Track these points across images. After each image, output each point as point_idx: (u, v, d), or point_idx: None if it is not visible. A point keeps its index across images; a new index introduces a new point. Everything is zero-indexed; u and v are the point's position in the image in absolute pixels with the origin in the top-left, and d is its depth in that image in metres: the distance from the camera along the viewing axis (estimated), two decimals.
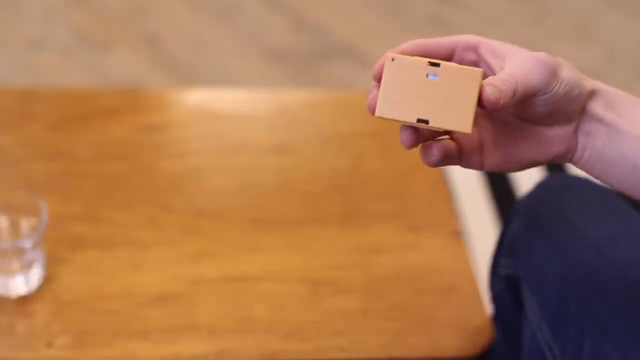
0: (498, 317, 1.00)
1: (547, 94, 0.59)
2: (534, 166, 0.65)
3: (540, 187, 0.93)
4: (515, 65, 0.59)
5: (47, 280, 0.96)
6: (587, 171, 0.65)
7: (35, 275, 0.95)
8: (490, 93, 0.56)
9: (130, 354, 0.91)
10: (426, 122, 0.57)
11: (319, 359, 0.92)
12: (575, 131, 0.63)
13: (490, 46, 0.62)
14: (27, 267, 0.93)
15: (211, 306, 0.96)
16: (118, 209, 1.06)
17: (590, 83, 0.62)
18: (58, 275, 0.97)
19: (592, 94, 0.62)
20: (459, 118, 0.56)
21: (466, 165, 0.63)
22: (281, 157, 1.15)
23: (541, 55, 0.59)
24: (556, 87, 0.59)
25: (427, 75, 0.57)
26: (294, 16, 2.20)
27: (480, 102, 0.57)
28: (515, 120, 0.63)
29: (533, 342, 0.86)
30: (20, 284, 0.94)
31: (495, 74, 0.60)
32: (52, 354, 0.90)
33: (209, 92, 1.27)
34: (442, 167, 1.15)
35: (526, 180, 1.68)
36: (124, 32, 2.10)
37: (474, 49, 0.63)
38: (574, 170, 0.70)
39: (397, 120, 0.58)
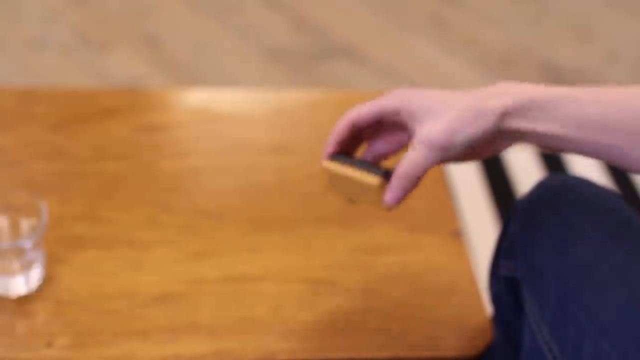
0: (498, 318, 1.00)
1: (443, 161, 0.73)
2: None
3: (540, 188, 0.93)
4: (405, 160, 0.72)
5: (47, 280, 0.96)
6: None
7: (35, 275, 0.95)
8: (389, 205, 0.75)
9: (130, 354, 0.91)
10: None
11: (319, 359, 0.92)
12: (501, 139, 0.73)
13: (410, 110, 0.73)
14: (27, 267, 0.93)
15: (211, 306, 0.96)
16: (118, 209, 1.06)
17: (499, 105, 0.70)
18: (58, 275, 0.97)
19: (502, 117, 0.71)
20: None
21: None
22: (281, 157, 1.15)
23: (436, 139, 0.71)
24: (452, 157, 0.72)
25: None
26: (293, 16, 2.20)
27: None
28: None
29: (533, 343, 0.86)
30: (20, 284, 0.94)
31: (414, 136, 0.73)
32: (52, 354, 0.90)
33: (209, 92, 1.27)
34: (442, 167, 1.15)
35: (526, 181, 1.68)
36: (123, 32, 2.10)
37: (396, 114, 0.74)
38: (573, 170, 0.71)
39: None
